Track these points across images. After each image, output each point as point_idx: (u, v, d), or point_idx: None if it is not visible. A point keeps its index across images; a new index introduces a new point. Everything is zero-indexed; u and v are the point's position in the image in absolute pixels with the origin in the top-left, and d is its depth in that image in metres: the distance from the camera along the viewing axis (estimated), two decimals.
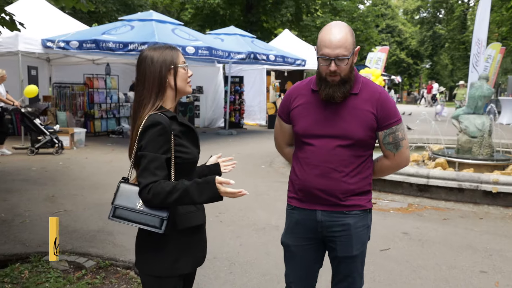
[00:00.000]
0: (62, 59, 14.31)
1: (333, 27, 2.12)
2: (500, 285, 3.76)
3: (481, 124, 8.32)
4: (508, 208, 6.17)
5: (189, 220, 1.97)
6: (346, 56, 2.08)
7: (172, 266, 1.94)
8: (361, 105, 2.18)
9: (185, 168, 1.96)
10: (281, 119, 2.39)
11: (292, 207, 2.33)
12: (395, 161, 2.30)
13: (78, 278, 3.90)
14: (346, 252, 2.24)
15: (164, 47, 2.01)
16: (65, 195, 6.35)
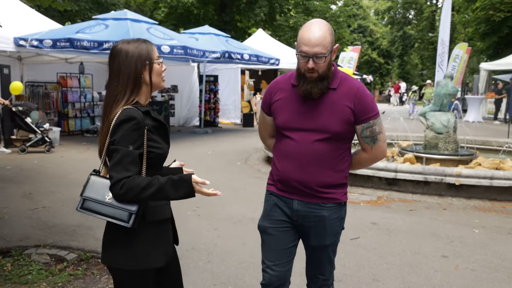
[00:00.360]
0: (34, 57, 14.14)
1: (313, 25, 2.17)
2: (459, 268, 4.06)
3: (446, 120, 8.70)
4: (470, 199, 6.53)
5: (158, 214, 1.97)
6: (323, 54, 2.14)
7: (146, 259, 1.93)
8: (339, 99, 2.24)
9: (156, 163, 1.97)
10: (264, 112, 2.48)
11: (270, 192, 2.43)
12: (373, 154, 2.38)
13: (60, 270, 4.02)
14: (319, 242, 2.34)
15: (139, 41, 1.99)
16: (42, 192, 6.41)
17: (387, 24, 56.99)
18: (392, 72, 58.60)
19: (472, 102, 21.49)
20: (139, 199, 1.83)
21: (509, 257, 4.32)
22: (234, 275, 3.83)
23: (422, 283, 3.73)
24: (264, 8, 23.05)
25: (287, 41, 24.29)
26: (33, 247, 4.40)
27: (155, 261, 1.95)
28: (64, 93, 13.35)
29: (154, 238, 1.95)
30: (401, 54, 55.01)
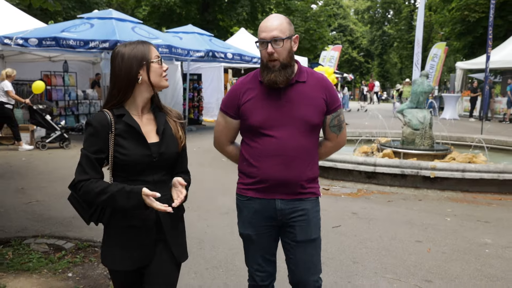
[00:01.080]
0: (17, 56, 14.17)
1: (270, 17, 2.28)
2: (431, 251, 4.41)
3: (422, 117, 9.10)
4: (444, 191, 6.93)
5: (122, 220, 2.00)
6: (281, 37, 2.17)
7: (111, 260, 2.04)
8: (312, 92, 2.29)
9: (125, 168, 1.96)
10: (228, 115, 2.39)
11: (248, 198, 2.37)
12: (337, 142, 2.45)
13: (59, 258, 4.24)
14: (306, 236, 2.33)
15: (136, 43, 2.02)
16: (34, 187, 6.59)
17: (367, 24, 57.81)
18: (372, 70, 59.49)
19: (449, 100, 22.10)
20: (94, 203, 1.96)
21: (476, 241, 4.70)
22: (225, 260, 4.12)
23: (397, 264, 4.06)
24: (246, 7, 23.36)
25: None
26: (32, 237, 4.62)
27: (118, 264, 2.03)
28: (49, 92, 13.41)
29: (120, 242, 2.01)
30: (380, 53, 55.94)
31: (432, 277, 3.81)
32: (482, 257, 4.26)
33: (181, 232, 2.14)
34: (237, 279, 3.70)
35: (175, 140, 2.07)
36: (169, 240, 2.04)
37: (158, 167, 2.01)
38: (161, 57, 2.04)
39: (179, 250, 2.09)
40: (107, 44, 10.10)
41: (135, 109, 2.02)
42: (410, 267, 4.00)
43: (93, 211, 2.02)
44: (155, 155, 1.98)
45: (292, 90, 2.26)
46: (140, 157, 1.95)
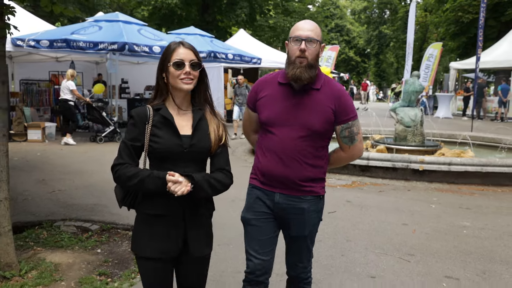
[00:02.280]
0: (26, 56, 14.69)
1: (305, 20, 2.44)
2: (416, 232, 5.00)
3: (414, 115, 9.68)
4: (432, 182, 7.51)
5: (147, 207, 2.12)
6: (315, 38, 2.32)
7: (136, 246, 2.16)
8: (321, 100, 2.37)
9: (159, 157, 2.10)
10: (249, 108, 2.60)
11: (253, 185, 2.56)
12: (350, 153, 2.52)
13: (86, 238, 4.80)
14: (299, 233, 2.49)
15: (171, 43, 2.18)
16: (54, 179, 7.14)
17: (363, 24, 58.41)
18: (369, 70, 60.11)
19: (442, 99, 22.70)
20: (127, 186, 2.09)
21: (456, 224, 5.28)
22: (234, 239, 4.69)
23: (385, 242, 4.64)
24: (245, 9, 23.91)
25: (267, 40, 25.21)
26: (60, 220, 5.18)
27: (145, 251, 2.13)
28: (56, 91, 13.93)
29: (145, 229, 2.13)
30: (377, 53, 56.51)
31: (414, 252, 4.39)
32: (460, 237, 4.85)
33: (203, 227, 2.20)
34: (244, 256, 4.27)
35: (210, 137, 2.17)
36: (188, 233, 2.13)
37: (189, 160, 2.12)
38: (186, 60, 2.09)
39: (196, 244, 2.16)
40: (116, 45, 10.64)
41: (173, 105, 2.16)
42: (396, 244, 4.58)
43: (124, 195, 2.18)
44: (186, 146, 2.10)
45: (304, 95, 2.37)
46: (171, 146, 2.08)
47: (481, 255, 4.34)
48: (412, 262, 4.14)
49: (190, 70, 2.08)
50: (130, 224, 5.04)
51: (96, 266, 4.09)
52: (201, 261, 2.23)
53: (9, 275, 3.74)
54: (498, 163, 7.46)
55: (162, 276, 2.15)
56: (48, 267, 4.00)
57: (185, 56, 2.09)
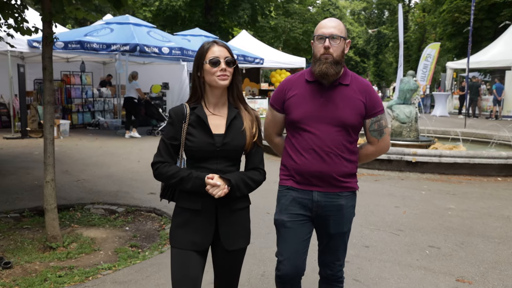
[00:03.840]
0: (37, 57, 15.30)
1: (329, 18, 2.47)
2: (406, 213, 5.63)
3: (409, 112, 10.30)
4: (424, 173, 8.14)
5: (185, 202, 2.20)
6: (338, 35, 2.34)
7: (173, 238, 2.23)
8: (352, 94, 2.40)
9: (193, 155, 2.18)
10: (274, 109, 2.55)
11: (287, 187, 2.49)
12: (379, 147, 2.53)
13: (114, 218, 5.43)
14: (338, 230, 2.47)
15: (204, 43, 2.23)
16: (76, 170, 7.77)
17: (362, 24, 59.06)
18: (368, 70, 60.76)
19: (439, 98, 23.31)
20: (166, 183, 2.23)
21: (443, 206, 5.91)
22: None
23: (378, 221, 5.27)
24: (247, 10, 24.55)
25: (268, 41, 25.83)
26: (90, 204, 5.81)
27: (177, 242, 2.21)
28: (68, 90, 14.57)
29: (182, 222, 2.21)
30: (376, 53, 57.16)
31: (403, 228, 5.03)
32: (444, 217, 5.48)
33: (237, 222, 2.24)
34: (256, 231, 4.89)
35: (244, 135, 2.20)
36: (220, 228, 2.20)
37: (222, 157, 2.18)
38: (221, 57, 2.15)
39: (228, 238, 2.21)
40: (128, 47, 11.27)
41: (209, 103, 2.22)
42: (387, 222, 5.21)
43: (164, 188, 2.32)
44: (218, 145, 2.15)
45: (334, 91, 2.39)
46: (204, 145, 2.14)
47: (461, 230, 4.98)
48: (401, 236, 4.77)
49: (226, 67, 2.14)
50: (152, 207, 5.66)
51: (127, 240, 4.73)
52: (235, 254, 2.27)
53: (55, 245, 4.37)
54: (485, 155, 8.09)
55: (192, 266, 2.18)
56: (86, 240, 4.64)
57: (219, 53, 2.15)
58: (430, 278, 3.75)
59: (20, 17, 6.71)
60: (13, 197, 6.03)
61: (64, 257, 4.19)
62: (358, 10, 58.59)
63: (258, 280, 3.69)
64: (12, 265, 3.94)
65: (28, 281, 3.64)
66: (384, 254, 4.26)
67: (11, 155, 9.17)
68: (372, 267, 3.96)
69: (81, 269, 3.91)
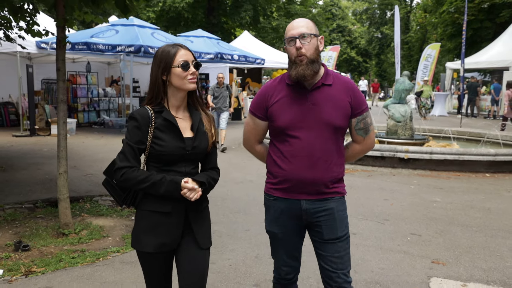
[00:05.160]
0: (44, 57, 15.74)
1: (296, 19, 2.39)
2: (394, 205, 6.01)
3: (404, 111, 10.67)
4: (415, 169, 8.51)
5: (153, 205, 2.15)
6: (308, 33, 2.25)
7: (136, 242, 2.18)
8: (337, 94, 2.32)
9: (160, 159, 2.13)
10: (256, 117, 2.45)
11: (275, 198, 2.41)
12: (365, 145, 2.46)
13: (121, 209, 5.82)
14: (332, 235, 2.35)
15: (168, 46, 2.18)
16: (84, 165, 8.19)
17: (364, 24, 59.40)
18: (370, 70, 61.08)
19: (438, 98, 23.63)
20: (136, 188, 2.13)
21: (429, 199, 6.30)
22: (243, 208, 5.71)
23: (367, 211, 5.66)
24: (249, 11, 24.97)
25: (270, 42, 26.24)
26: (98, 196, 6.21)
27: (144, 246, 2.16)
28: (74, 89, 15.00)
29: (147, 225, 2.15)
30: (378, 53, 57.48)
31: (389, 218, 5.42)
32: (429, 208, 5.86)
33: (205, 221, 2.28)
34: (252, 219, 5.29)
35: (207, 137, 2.23)
36: (194, 228, 2.20)
37: (190, 160, 2.18)
38: (189, 61, 2.15)
39: (203, 237, 2.23)
40: (132, 48, 11.68)
41: (172, 106, 2.19)
42: (375, 213, 5.60)
43: (125, 195, 2.24)
44: (189, 149, 2.15)
45: (318, 92, 2.31)
46: (175, 149, 2.12)
47: (443, 220, 5.36)
48: (386, 224, 5.16)
49: (195, 70, 2.16)
50: None
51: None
52: (206, 253, 2.27)
53: (67, 232, 4.77)
54: (474, 152, 8.46)
55: (162, 268, 2.23)
56: (95, 228, 5.04)
57: (187, 57, 2.15)
58: (408, 260, 4.14)
59: (32, 20, 7.11)
60: (26, 189, 6.43)
61: (76, 242, 4.59)
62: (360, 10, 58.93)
63: (252, 261, 4.09)
64: (30, 248, 4.35)
65: (45, 261, 4.04)
66: (369, 240, 4.64)
67: (21, 152, 9.59)
68: (357, 251, 4.34)
69: (92, 251, 4.31)
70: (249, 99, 19.58)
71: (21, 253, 4.27)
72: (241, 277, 3.75)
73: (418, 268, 3.97)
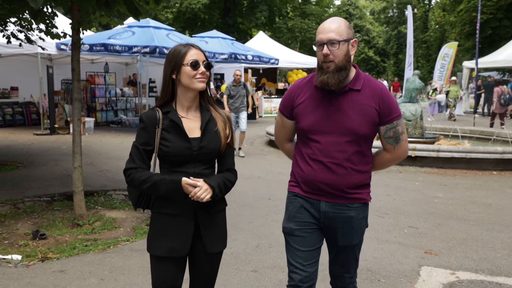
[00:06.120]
0: (64, 58, 16.20)
1: (329, 19, 2.26)
2: (396, 200, 6.18)
3: (414, 110, 10.77)
4: (422, 167, 8.64)
5: (162, 207, 2.15)
6: (337, 39, 2.15)
7: (150, 245, 2.18)
8: (364, 100, 2.22)
9: (168, 160, 2.13)
10: (284, 116, 2.43)
11: (295, 193, 2.38)
12: (395, 154, 2.36)
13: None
14: (347, 242, 2.33)
15: (178, 46, 2.18)
16: (100, 162, 8.53)
17: (382, 24, 59.11)
18: (388, 70, 60.70)
19: None
20: (140, 189, 2.15)
21: (431, 195, 6.44)
22: (249, 203, 5.95)
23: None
24: (264, 12, 25.22)
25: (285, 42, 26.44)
26: (111, 190, 6.51)
27: (155, 249, 2.16)
28: (92, 90, 15.44)
29: (160, 229, 2.15)
30: (396, 53, 57.11)
31: (390, 212, 5.59)
32: (431, 203, 6.01)
33: (217, 225, 2.23)
34: (256, 212, 5.52)
35: (219, 137, 2.19)
36: (202, 231, 2.18)
37: (199, 161, 2.16)
38: (200, 60, 2.14)
39: (210, 241, 2.20)
40: (148, 49, 12.02)
41: (181, 107, 2.19)
42: (376, 207, 5.78)
43: (138, 198, 2.23)
44: (195, 149, 2.13)
45: (344, 97, 2.24)
46: (181, 150, 2.11)
47: (442, 214, 5.51)
48: (385, 218, 5.34)
49: (205, 70, 2.15)
50: None
51: (143, 220, 5.40)
52: (215, 257, 2.27)
53: (82, 223, 5.07)
54: (481, 150, 8.54)
55: (172, 273, 2.19)
56: (108, 219, 5.33)
57: (198, 56, 2.14)
58: (402, 250, 4.32)
59: (51, 23, 7.46)
60: (44, 184, 6.78)
61: (89, 232, 4.88)
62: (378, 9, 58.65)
63: (253, 249, 4.32)
64: (46, 236, 4.66)
65: (60, 249, 4.34)
66: (367, 232, 4.76)
67: (41, 149, 10.00)
68: None
69: (104, 240, 4.60)
70: (264, 99, 19.80)
71: (38, 241, 4.58)
72: (240, 263, 3.99)
73: (411, 257, 4.15)
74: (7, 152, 9.45)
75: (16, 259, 4.09)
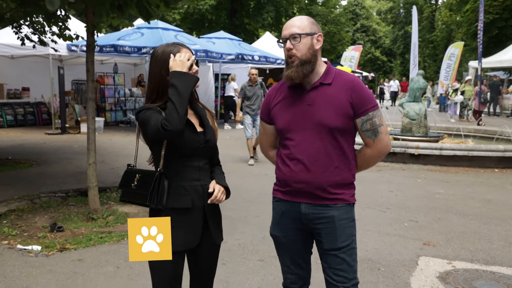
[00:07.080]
0: (74, 59, 16.52)
1: (294, 17, 2.29)
2: (398, 196, 6.38)
3: (418, 109, 10.94)
4: (426, 165, 8.82)
5: (173, 202, 2.14)
6: (298, 33, 2.17)
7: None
8: (335, 93, 2.20)
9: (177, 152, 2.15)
10: (263, 121, 2.44)
11: (277, 199, 2.37)
12: (376, 148, 2.28)
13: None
14: (332, 245, 2.23)
15: (169, 45, 2.20)
16: (111, 160, 8.79)
17: (389, 24, 59.12)
18: (395, 69, 60.70)
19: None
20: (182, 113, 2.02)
21: (432, 191, 6.63)
22: (255, 198, 6.18)
23: (371, 201, 6.04)
24: (271, 12, 25.46)
25: None
26: None
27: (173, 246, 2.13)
28: (102, 90, 15.73)
29: (173, 226, 2.10)
30: (402, 53, 57.11)
31: (391, 207, 5.79)
32: (431, 199, 6.21)
33: (218, 216, 2.33)
34: (263, 207, 5.74)
35: (214, 132, 2.28)
36: (210, 224, 2.24)
37: (203, 155, 2.23)
38: (194, 59, 2.18)
39: (217, 233, 2.29)
40: None
41: None
42: (379, 202, 5.98)
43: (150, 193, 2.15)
44: (202, 142, 2.19)
45: (315, 92, 2.23)
46: (190, 143, 2.15)
47: (442, 209, 5.71)
48: (387, 213, 5.55)
49: (197, 68, 2.21)
50: None
51: None
52: (218, 248, 2.35)
53: (96, 217, 5.32)
54: (483, 148, 8.71)
55: (177, 268, 2.21)
56: (121, 214, 5.58)
57: (190, 56, 2.18)
58: (401, 242, 4.53)
59: (64, 25, 7.71)
60: (58, 181, 7.04)
61: (103, 225, 5.13)
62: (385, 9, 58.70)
63: (259, 241, 4.55)
64: (63, 229, 4.91)
65: (77, 240, 4.59)
66: (368, 225, 5.04)
67: (53, 148, 10.28)
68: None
69: (117, 233, 4.84)
70: None
71: (56, 233, 4.83)
72: (248, 253, 4.21)
73: (410, 248, 4.36)
74: (20, 151, 9.73)
75: (37, 249, 4.34)
